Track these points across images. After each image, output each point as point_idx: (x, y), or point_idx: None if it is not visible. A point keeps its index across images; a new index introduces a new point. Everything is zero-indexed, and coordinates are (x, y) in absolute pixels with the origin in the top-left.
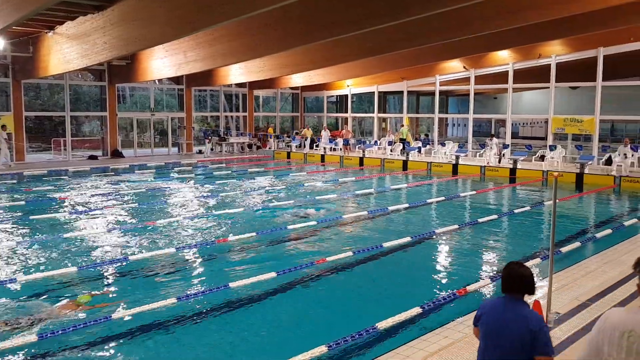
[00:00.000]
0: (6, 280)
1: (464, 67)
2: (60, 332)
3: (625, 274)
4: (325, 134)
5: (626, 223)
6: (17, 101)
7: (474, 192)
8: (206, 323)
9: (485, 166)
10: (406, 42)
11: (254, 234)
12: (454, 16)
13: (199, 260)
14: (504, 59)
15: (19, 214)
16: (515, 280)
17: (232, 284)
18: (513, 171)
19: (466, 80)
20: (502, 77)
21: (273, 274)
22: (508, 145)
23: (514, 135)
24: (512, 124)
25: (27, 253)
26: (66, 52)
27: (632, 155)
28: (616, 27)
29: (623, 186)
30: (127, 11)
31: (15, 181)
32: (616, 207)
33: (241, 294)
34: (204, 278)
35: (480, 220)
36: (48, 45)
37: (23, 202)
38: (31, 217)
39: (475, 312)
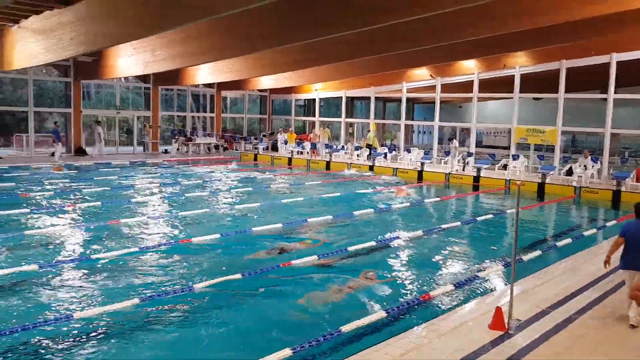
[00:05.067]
0: None
1: (431, 75)
2: None
3: (584, 283)
4: (281, 137)
5: (585, 233)
6: None
7: (438, 199)
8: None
9: (449, 173)
10: (374, 49)
11: (217, 235)
12: (421, 25)
13: (161, 259)
14: (470, 69)
15: None
16: None
17: (195, 285)
18: (477, 179)
19: (432, 88)
20: (467, 86)
21: (238, 276)
22: (472, 153)
23: (478, 144)
24: (476, 133)
25: None
26: (31, 46)
27: (592, 166)
28: (578, 41)
29: (583, 196)
30: (95, 7)
31: None
32: (576, 217)
33: (204, 295)
34: (164, 278)
35: (444, 226)
36: (12, 39)
37: None
38: None
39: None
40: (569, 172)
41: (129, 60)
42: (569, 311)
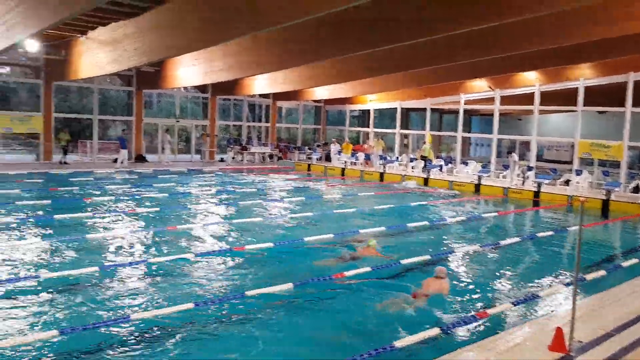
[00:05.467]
0: None
1: (490, 86)
2: None
3: None
4: (334, 148)
5: None
6: (47, 102)
7: (496, 214)
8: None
9: (508, 187)
10: (432, 59)
11: (270, 244)
12: (480, 36)
13: (215, 265)
14: (531, 81)
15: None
16: None
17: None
18: (537, 194)
19: (491, 100)
20: (528, 98)
21: (290, 285)
22: (532, 167)
23: (539, 157)
24: (537, 147)
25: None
26: (97, 56)
27: None
28: None
29: None
30: (158, 19)
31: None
32: None
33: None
34: (218, 284)
35: (502, 242)
36: (80, 50)
37: (49, 201)
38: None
39: None
40: (636, 190)
41: (189, 71)
42: (634, 335)
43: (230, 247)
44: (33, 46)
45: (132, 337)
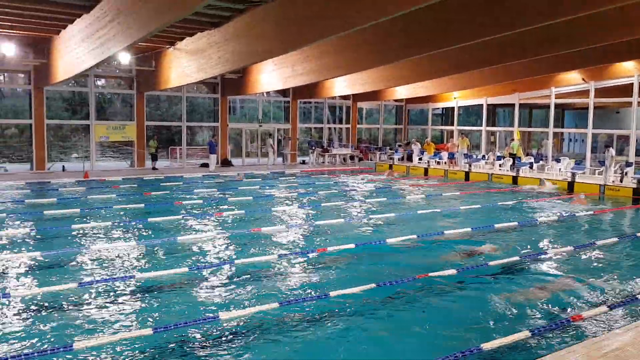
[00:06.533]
0: None
1: (583, 79)
2: None
3: None
4: (415, 148)
5: None
6: (139, 111)
7: (592, 212)
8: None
9: (605, 185)
10: (520, 53)
11: (352, 244)
12: (574, 25)
13: (298, 265)
14: (629, 70)
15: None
16: None
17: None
18: (637, 191)
19: (585, 93)
20: (626, 89)
21: (373, 285)
22: (632, 163)
23: (638, 152)
24: (637, 141)
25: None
26: (184, 66)
27: None
28: None
29: None
30: (240, 27)
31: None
32: None
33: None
34: (302, 284)
35: (598, 242)
36: (168, 60)
37: (142, 205)
38: (150, 219)
39: None
40: None
41: (271, 76)
42: None
43: (313, 248)
44: (125, 58)
45: (222, 337)
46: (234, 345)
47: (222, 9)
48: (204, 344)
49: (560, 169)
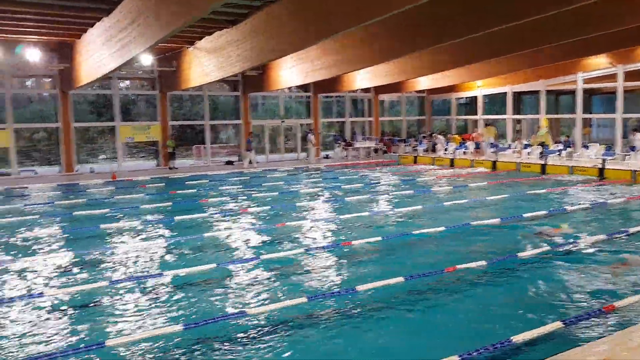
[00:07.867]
0: None
1: (611, 63)
2: None
3: None
4: (439, 141)
5: None
6: (163, 111)
7: (624, 199)
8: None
9: (636, 171)
10: (543, 39)
11: (379, 237)
12: (600, 7)
13: (323, 259)
14: None
15: (163, 215)
16: None
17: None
18: None
19: (613, 77)
20: None
21: (400, 279)
22: None
23: None
24: None
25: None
26: (205, 64)
27: None
28: None
29: None
30: (258, 24)
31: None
32: None
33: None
34: (328, 278)
35: (631, 230)
36: (189, 59)
37: (170, 204)
38: (176, 218)
39: None
40: None
41: (291, 72)
42: None
43: (338, 242)
44: (147, 60)
45: (251, 331)
46: (263, 341)
47: (239, 6)
48: (233, 339)
49: (589, 155)
